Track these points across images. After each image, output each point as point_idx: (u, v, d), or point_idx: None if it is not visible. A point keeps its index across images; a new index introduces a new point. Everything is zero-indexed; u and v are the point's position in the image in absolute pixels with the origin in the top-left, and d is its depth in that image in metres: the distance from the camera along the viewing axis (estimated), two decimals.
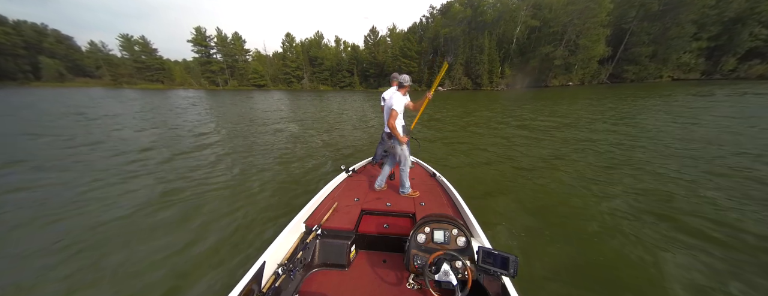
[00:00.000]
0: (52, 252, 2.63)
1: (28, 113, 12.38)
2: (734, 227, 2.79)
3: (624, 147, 5.90)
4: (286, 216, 3.12)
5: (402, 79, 2.55)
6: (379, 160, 3.71)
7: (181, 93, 35.22)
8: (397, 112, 2.45)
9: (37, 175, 4.67)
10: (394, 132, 2.53)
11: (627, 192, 3.68)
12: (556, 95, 21.49)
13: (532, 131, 7.98)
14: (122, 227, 3.08)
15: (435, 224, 1.70)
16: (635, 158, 5.10)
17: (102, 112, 13.26)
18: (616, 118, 9.44)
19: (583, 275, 2.20)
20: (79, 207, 3.54)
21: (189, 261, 2.48)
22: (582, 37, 34.62)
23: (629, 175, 4.26)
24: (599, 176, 4.27)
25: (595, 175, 4.31)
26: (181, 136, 8.00)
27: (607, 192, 3.68)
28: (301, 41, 55.94)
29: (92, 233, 2.95)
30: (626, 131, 7.44)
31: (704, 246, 2.52)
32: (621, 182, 4.02)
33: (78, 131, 8.46)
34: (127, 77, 55.60)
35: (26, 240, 2.85)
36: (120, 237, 2.89)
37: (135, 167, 5.15)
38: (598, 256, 2.42)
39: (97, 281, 2.25)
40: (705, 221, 2.92)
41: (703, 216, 3.00)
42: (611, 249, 2.50)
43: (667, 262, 2.30)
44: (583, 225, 2.91)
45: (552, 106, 13.87)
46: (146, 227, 3.06)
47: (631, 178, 4.14)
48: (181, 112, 13.79)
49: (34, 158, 5.63)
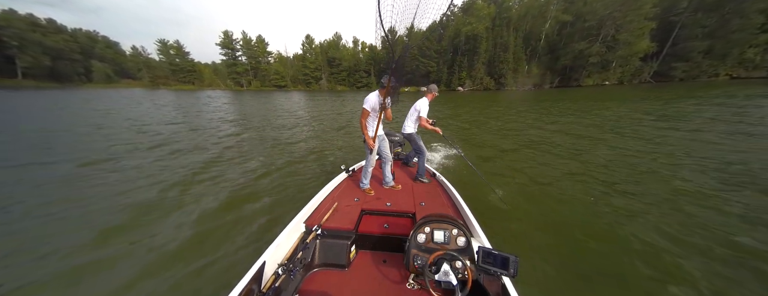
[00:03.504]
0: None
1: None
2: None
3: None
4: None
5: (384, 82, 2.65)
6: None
7: (210, 93, 37.16)
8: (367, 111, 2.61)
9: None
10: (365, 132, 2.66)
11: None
12: (602, 95, 19.12)
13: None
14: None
15: (435, 224, 1.70)
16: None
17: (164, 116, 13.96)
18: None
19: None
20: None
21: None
22: (622, 32, 31.43)
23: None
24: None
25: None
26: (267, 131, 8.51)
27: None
28: (321, 42, 56.91)
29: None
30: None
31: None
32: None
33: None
34: (163, 79, 60.04)
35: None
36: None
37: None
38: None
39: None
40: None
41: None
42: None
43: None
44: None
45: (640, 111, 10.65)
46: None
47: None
48: (224, 113, 14.14)
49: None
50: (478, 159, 5.44)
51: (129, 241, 2.71)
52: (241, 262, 2.38)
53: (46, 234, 2.84)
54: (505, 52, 37.31)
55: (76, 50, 59.72)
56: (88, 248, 2.62)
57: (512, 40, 37.07)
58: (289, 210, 3.24)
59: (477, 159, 5.38)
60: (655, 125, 8.06)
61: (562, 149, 5.92)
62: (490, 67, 39.25)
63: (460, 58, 40.56)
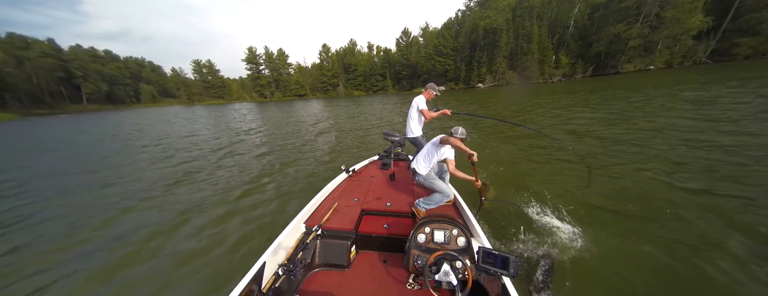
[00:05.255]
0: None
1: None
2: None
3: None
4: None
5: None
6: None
7: (237, 106, 39.64)
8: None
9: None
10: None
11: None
12: (661, 82, 16.95)
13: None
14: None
15: (435, 224, 1.70)
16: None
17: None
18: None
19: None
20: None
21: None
22: (669, 9, 27.72)
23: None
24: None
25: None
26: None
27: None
28: (336, 50, 58.31)
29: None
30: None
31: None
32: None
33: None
34: (198, 95, 65.63)
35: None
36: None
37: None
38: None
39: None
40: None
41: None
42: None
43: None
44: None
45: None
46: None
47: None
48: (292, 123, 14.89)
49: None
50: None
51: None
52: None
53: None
54: (529, 42, 34.86)
55: (127, 75, 67.86)
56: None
57: (536, 29, 34.55)
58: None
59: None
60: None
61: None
62: (513, 60, 36.93)
63: (478, 53, 38.75)
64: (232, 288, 1.31)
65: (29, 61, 47.92)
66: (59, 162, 7.79)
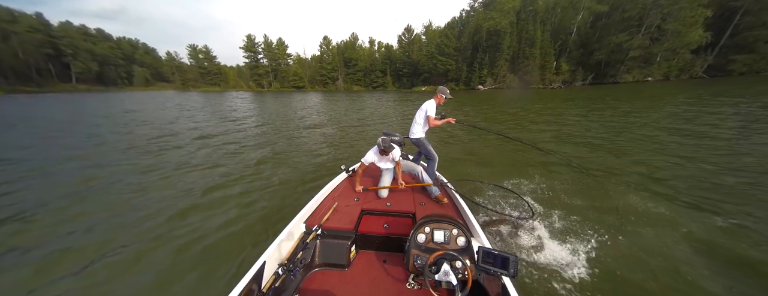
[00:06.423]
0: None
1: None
2: None
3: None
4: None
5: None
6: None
7: (235, 94, 38.70)
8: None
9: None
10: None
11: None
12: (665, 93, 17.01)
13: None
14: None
15: (435, 224, 1.70)
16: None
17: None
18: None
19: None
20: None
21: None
22: (670, 21, 27.97)
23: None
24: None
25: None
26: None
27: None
28: (337, 43, 57.36)
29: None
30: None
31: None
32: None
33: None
34: (193, 81, 64.02)
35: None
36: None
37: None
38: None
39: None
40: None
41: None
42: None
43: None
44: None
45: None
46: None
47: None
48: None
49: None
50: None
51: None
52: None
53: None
54: (532, 47, 34.86)
55: (120, 56, 65.63)
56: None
57: (539, 34, 34.54)
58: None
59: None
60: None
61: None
62: (514, 63, 36.93)
63: (480, 54, 38.59)
64: (232, 288, 1.30)
65: (16, 35, 45.82)
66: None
